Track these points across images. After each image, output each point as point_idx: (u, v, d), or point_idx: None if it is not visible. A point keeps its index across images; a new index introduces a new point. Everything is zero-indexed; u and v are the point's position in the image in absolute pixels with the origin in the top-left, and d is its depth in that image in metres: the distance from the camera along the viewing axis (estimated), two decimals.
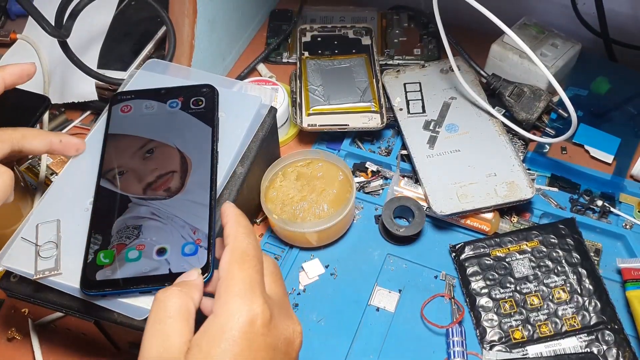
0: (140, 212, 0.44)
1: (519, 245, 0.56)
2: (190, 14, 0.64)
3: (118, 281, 0.41)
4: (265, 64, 0.75)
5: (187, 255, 0.41)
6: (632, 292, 0.52)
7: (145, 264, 0.41)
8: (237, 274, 0.36)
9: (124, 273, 0.41)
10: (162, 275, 0.40)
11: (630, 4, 0.69)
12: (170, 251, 0.42)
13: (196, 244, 0.42)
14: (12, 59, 0.70)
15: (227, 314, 0.34)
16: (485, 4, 0.54)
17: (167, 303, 0.35)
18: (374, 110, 0.64)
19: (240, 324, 0.34)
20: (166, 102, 0.51)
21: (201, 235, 0.42)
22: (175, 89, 0.52)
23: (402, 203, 0.58)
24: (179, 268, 0.41)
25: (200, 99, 0.51)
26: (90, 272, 0.41)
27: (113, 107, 0.51)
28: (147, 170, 0.46)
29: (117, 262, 0.41)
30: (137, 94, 0.52)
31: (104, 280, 0.41)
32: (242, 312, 0.34)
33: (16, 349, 0.52)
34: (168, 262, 0.41)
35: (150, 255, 0.41)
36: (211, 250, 0.42)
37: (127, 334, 0.45)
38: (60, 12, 0.58)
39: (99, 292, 0.41)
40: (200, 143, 0.48)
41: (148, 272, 0.41)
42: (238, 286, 0.35)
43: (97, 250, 0.42)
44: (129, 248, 0.42)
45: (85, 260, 0.42)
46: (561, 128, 0.65)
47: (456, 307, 0.53)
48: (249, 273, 0.36)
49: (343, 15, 0.79)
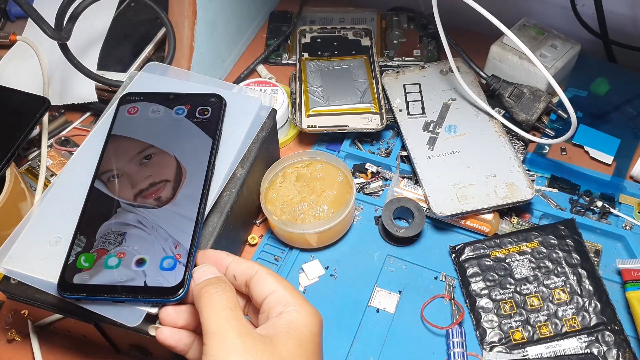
0: (127, 219, 0.44)
1: (518, 246, 0.56)
2: (190, 15, 0.64)
3: (93, 287, 0.40)
4: (265, 65, 0.75)
5: (165, 270, 0.41)
6: (632, 293, 0.52)
7: (122, 273, 0.41)
8: (289, 284, 0.39)
9: (100, 280, 0.40)
10: (137, 287, 0.40)
11: (630, 5, 0.69)
12: (149, 263, 0.41)
13: (175, 259, 0.41)
14: (12, 60, 0.70)
15: (308, 313, 0.38)
16: (484, 5, 0.54)
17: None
18: (373, 111, 0.64)
19: (317, 323, 0.38)
20: (173, 108, 0.50)
21: (182, 250, 0.42)
22: (184, 95, 0.51)
23: (402, 204, 0.58)
24: (154, 282, 0.40)
25: (207, 109, 0.50)
26: (69, 274, 0.41)
27: (121, 107, 0.51)
28: (142, 177, 0.46)
29: (96, 268, 0.41)
30: (146, 96, 0.52)
31: (80, 284, 0.40)
32: (317, 315, 0.38)
33: (16, 351, 0.52)
34: (145, 274, 0.41)
35: (129, 264, 0.41)
36: (189, 267, 0.41)
37: (128, 336, 0.45)
38: (60, 14, 0.58)
39: (74, 296, 0.40)
40: (199, 154, 0.47)
41: (124, 281, 0.40)
42: (298, 293, 0.39)
43: (79, 253, 0.42)
44: (110, 255, 0.42)
45: (66, 261, 0.42)
46: (561, 129, 0.65)
47: (456, 308, 0.53)
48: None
49: (342, 16, 0.79)
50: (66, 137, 0.67)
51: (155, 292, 0.40)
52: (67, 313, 0.44)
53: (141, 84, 0.54)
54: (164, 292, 0.40)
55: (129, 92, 0.52)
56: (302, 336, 0.36)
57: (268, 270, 0.40)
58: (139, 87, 0.53)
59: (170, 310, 0.40)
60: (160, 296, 0.40)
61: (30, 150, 0.66)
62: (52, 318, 0.50)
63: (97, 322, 0.44)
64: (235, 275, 0.40)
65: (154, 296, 0.40)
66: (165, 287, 0.40)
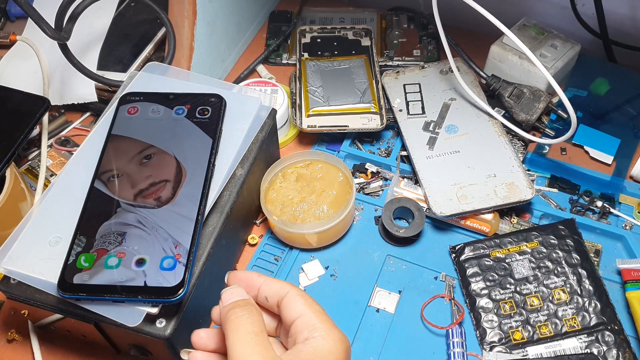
0: (127, 219, 0.44)
1: (518, 246, 0.56)
2: (190, 15, 0.64)
3: (93, 287, 0.40)
4: (264, 65, 0.75)
5: (165, 270, 0.41)
6: (632, 293, 0.52)
7: (122, 273, 0.41)
8: (319, 307, 0.38)
9: (100, 280, 0.41)
10: (137, 287, 0.40)
11: (630, 5, 0.69)
12: (149, 263, 0.41)
13: (175, 259, 0.41)
14: (11, 60, 0.70)
15: (334, 339, 0.36)
16: (484, 5, 0.54)
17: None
18: (373, 111, 0.64)
19: (344, 351, 0.36)
20: (173, 108, 0.50)
21: (182, 250, 0.42)
22: (184, 95, 0.51)
23: (402, 204, 0.58)
24: (154, 282, 0.40)
25: (207, 109, 0.50)
26: (69, 274, 0.41)
27: (121, 107, 0.51)
28: (142, 177, 0.46)
29: (96, 268, 0.41)
30: (146, 96, 0.52)
31: (80, 284, 0.40)
32: (345, 341, 0.37)
33: (16, 351, 0.52)
34: (145, 274, 0.41)
35: (129, 264, 0.41)
36: (189, 267, 0.41)
37: (128, 336, 0.45)
38: (60, 14, 0.58)
39: (74, 296, 0.40)
40: (199, 154, 0.47)
41: (124, 281, 0.40)
42: (327, 318, 0.37)
43: (79, 253, 0.42)
44: (110, 255, 0.42)
45: (66, 261, 0.42)
46: (561, 129, 0.65)
47: (456, 308, 0.53)
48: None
49: (342, 16, 0.79)
50: (66, 137, 0.67)
51: (155, 292, 0.40)
52: (67, 313, 0.44)
53: (141, 84, 0.54)
54: (164, 292, 0.40)
55: (129, 92, 0.52)
56: None
57: (299, 292, 0.38)
58: (139, 87, 0.53)
59: (202, 333, 0.39)
60: (160, 296, 0.40)
61: (30, 150, 0.66)
62: (52, 318, 0.50)
63: (97, 322, 0.44)
64: (267, 297, 0.39)
65: (154, 296, 0.40)
66: (165, 287, 0.40)
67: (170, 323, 0.43)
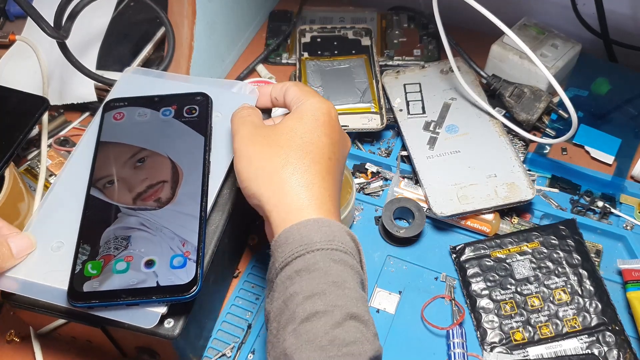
0: (129, 223, 0.44)
1: (519, 247, 0.56)
2: (190, 15, 0.64)
3: (105, 293, 0.40)
4: (264, 65, 0.75)
5: (176, 268, 0.41)
6: (632, 293, 0.52)
7: (132, 276, 0.41)
8: (307, 88, 0.47)
9: (111, 285, 0.40)
10: (150, 288, 0.40)
11: (630, 5, 0.68)
12: (159, 263, 0.41)
13: (185, 257, 0.41)
14: (11, 60, 0.70)
15: (315, 101, 0.44)
16: (485, 5, 0.54)
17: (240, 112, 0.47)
18: (373, 111, 0.64)
19: (325, 108, 0.44)
20: (159, 110, 0.50)
21: (190, 247, 0.42)
22: (169, 96, 0.51)
23: (402, 204, 0.58)
24: (167, 281, 0.40)
25: (194, 107, 0.50)
26: (78, 283, 0.41)
27: (106, 114, 0.51)
28: (138, 180, 0.46)
29: (105, 274, 0.41)
30: (130, 101, 0.51)
31: (91, 291, 0.40)
32: (324, 101, 0.45)
33: (16, 351, 0.52)
34: (156, 275, 0.41)
35: (138, 267, 0.41)
36: (200, 263, 0.41)
37: (136, 338, 0.45)
38: (59, 13, 0.58)
39: (86, 304, 0.40)
40: (193, 153, 0.47)
41: (135, 284, 0.40)
42: (312, 92, 0.46)
43: (85, 261, 0.42)
44: (117, 259, 0.41)
45: (72, 271, 0.41)
46: (561, 129, 0.65)
47: (457, 309, 0.53)
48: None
49: (342, 16, 0.79)
50: (65, 137, 0.67)
51: (169, 291, 0.40)
52: (73, 318, 0.43)
53: (126, 89, 0.54)
54: (178, 290, 0.40)
55: (112, 99, 0.52)
56: (302, 115, 0.44)
57: (295, 83, 0.47)
58: (122, 92, 0.53)
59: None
60: (174, 294, 0.40)
61: (30, 150, 0.66)
62: (56, 324, 0.48)
63: (103, 326, 0.44)
64: (276, 96, 0.49)
65: (168, 295, 0.40)
66: (178, 284, 0.40)
67: (178, 323, 0.42)
